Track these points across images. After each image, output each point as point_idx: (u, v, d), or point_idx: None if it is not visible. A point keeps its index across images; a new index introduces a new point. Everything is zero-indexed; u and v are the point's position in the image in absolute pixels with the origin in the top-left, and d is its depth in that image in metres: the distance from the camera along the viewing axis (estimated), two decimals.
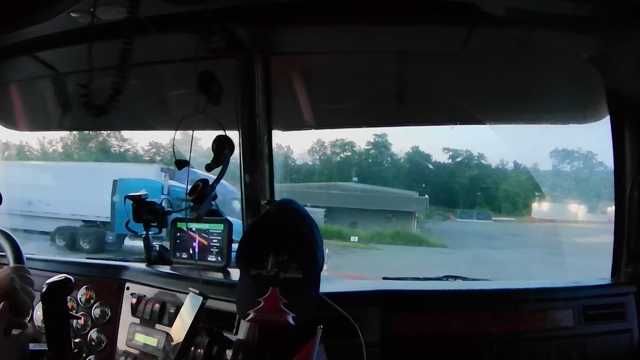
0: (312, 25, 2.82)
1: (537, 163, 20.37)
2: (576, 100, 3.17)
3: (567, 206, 16.68)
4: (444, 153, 24.38)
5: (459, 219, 23.83)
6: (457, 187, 24.01)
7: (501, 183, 24.05)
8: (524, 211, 22.78)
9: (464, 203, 24.30)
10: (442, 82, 3.28)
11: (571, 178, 18.48)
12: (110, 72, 1.79)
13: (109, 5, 2.40)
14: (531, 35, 2.72)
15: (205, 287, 2.34)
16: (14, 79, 3.67)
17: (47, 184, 17.66)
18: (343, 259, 15.60)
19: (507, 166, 24.10)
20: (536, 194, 20.69)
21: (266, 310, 1.96)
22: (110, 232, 17.01)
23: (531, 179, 22.22)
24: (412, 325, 2.47)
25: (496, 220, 23.57)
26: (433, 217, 23.72)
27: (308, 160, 23.05)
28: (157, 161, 19.71)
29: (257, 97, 3.16)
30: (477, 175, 23.91)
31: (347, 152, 24.35)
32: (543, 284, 2.83)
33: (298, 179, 20.31)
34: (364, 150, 24.37)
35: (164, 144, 21.03)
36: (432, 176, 24.30)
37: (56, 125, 4.48)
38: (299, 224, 2.15)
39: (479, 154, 24.21)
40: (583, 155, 18.39)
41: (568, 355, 2.54)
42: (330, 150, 23.96)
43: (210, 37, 2.71)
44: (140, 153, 22.10)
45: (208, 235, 2.91)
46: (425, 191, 22.82)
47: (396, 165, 24.54)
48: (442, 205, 23.99)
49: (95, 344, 2.86)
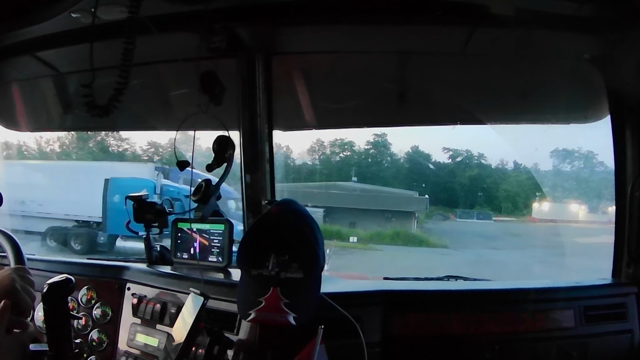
0: (314, 25, 2.83)
1: (537, 163, 20.19)
2: (577, 101, 3.17)
3: (568, 206, 16.63)
4: (444, 153, 24.35)
5: (459, 219, 23.74)
6: (457, 187, 23.93)
7: (501, 183, 23.99)
8: (524, 211, 22.72)
9: (464, 203, 24.22)
10: (443, 82, 3.28)
11: (571, 178, 18.41)
12: (112, 72, 1.79)
13: (110, 5, 2.40)
14: (532, 35, 2.73)
15: (206, 287, 2.34)
16: (15, 79, 3.67)
17: (39, 183, 17.54)
18: (342, 260, 15.50)
19: (507, 166, 24.07)
20: (536, 194, 20.65)
21: (267, 310, 1.97)
22: (102, 233, 16.92)
23: (531, 179, 22.10)
24: (413, 325, 2.47)
25: (496, 220, 23.48)
26: (433, 217, 23.57)
27: (307, 160, 23.05)
28: (154, 160, 19.63)
29: (258, 97, 3.16)
30: (477, 175, 23.84)
31: (346, 152, 24.31)
32: (544, 284, 2.83)
33: (297, 178, 20.24)
34: (364, 150, 24.34)
35: (163, 144, 21.05)
36: (432, 176, 24.20)
37: (57, 125, 4.49)
38: (300, 224, 2.15)
39: (479, 154, 24.16)
40: (583, 155, 18.34)
41: (569, 356, 2.54)
42: (330, 150, 23.90)
43: (212, 37, 2.71)
44: (138, 153, 22.10)
45: (209, 236, 2.91)
46: (425, 191, 22.71)
47: (396, 165, 24.47)
48: (442, 205, 23.87)
49: (96, 344, 2.86)
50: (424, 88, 3.34)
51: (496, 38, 2.86)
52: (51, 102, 3.77)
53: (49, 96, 3.74)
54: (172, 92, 3.55)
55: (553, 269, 11.95)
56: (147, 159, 21.26)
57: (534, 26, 2.61)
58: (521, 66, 3.10)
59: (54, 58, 3.28)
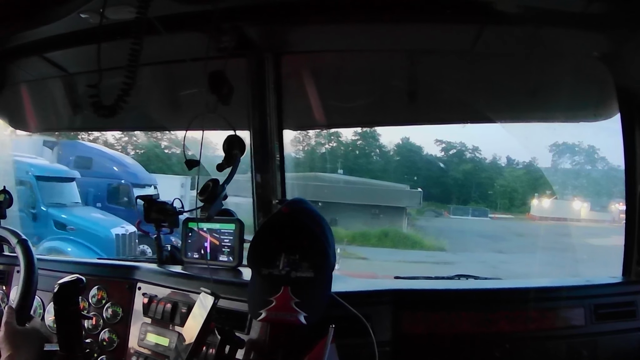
0: (323, 24, 2.83)
1: (535, 157, 20.07)
2: (587, 99, 3.17)
3: (569, 203, 16.42)
4: (437, 145, 23.94)
5: (453, 216, 23.13)
6: (451, 181, 23.41)
7: (497, 178, 23.55)
8: (522, 208, 22.32)
9: (458, 198, 23.68)
10: (453, 81, 3.27)
11: (573, 174, 18.22)
12: (120, 72, 1.79)
13: (118, 5, 2.41)
14: (541, 33, 2.72)
15: (217, 286, 2.33)
16: (24, 80, 3.69)
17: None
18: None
19: (500, 161, 23.77)
20: (535, 190, 20.35)
21: (278, 310, 1.97)
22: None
23: (529, 174, 21.83)
24: (424, 324, 2.48)
25: (493, 217, 23.01)
26: (425, 214, 22.73)
27: (291, 152, 22.44)
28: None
29: (267, 97, 3.17)
30: (471, 169, 23.34)
31: (333, 143, 23.82)
32: (554, 282, 2.84)
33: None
34: (351, 141, 23.84)
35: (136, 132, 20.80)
36: (424, 169, 23.62)
37: (66, 125, 4.51)
38: (311, 223, 2.15)
39: (473, 147, 23.79)
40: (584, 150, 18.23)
41: (579, 354, 2.54)
42: (315, 141, 23.29)
43: (221, 36, 2.71)
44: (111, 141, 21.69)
45: (219, 235, 2.91)
46: (418, 184, 21.70)
47: (385, 157, 24.00)
48: (434, 201, 23.08)
49: (106, 344, 2.87)
50: (434, 86, 3.34)
51: (505, 36, 2.86)
52: (60, 103, 3.79)
53: (58, 97, 3.75)
54: (181, 92, 3.56)
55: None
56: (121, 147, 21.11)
57: (543, 24, 2.61)
58: (530, 64, 3.09)
59: (63, 59, 3.30)
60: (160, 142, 21.57)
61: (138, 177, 17.04)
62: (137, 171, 17.47)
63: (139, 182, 16.69)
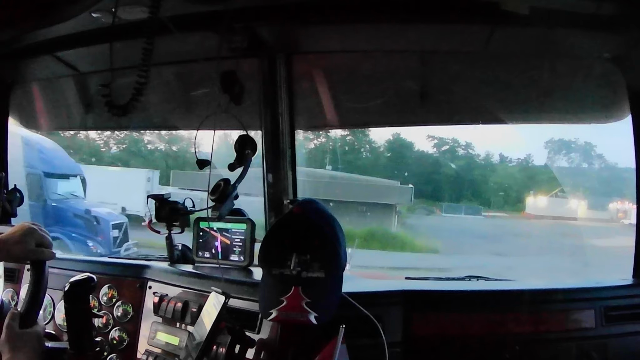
0: (335, 24, 2.82)
1: (530, 154, 19.84)
2: (598, 100, 3.16)
3: (566, 201, 16.21)
4: (429, 141, 23.43)
5: (446, 214, 22.54)
6: (443, 178, 22.94)
7: (491, 175, 23.12)
8: (516, 206, 21.90)
9: (450, 196, 23.20)
10: (464, 82, 3.27)
11: (569, 172, 18.06)
12: (132, 72, 1.80)
13: (130, 5, 2.42)
14: (552, 34, 2.71)
15: (228, 286, 2.34)
16: (36, 78, 3.71)
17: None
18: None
19: (493, 158, 23.42)
20: (530, 188, 20.07)
21: (289, 310, 1.97)
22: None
23: (523, 171, 21.57)
24: (434, 325, 2.48)
25: (487, 215, 22.54)
26: (416, 212, 21.32)
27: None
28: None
29: (279, 97, 3.17)
30: (465, 166, 22.87)
31: (322, 139, 23.31)
32: (564, 284, 2.82)
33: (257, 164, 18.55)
34: (340, 136, 23.28)
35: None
36: (415, 165, 23.01)
37: (78, 124, 4.52)
38: (322, 223, 2.15)
39: (466, 143, 23.38)
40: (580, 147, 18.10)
41: (589, 357, 2.53)
42: (303, 136, 22.62)
43: (233, 36, 2.71)
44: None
45: (230, 235, 2.92)
46: (408, 180, 20.39)
47: (375, 153, 23.56)
48: (425, 198, 22.42)
49: (117, 343, 2.88)
50: (446, 87, 3.34)
51: (517, 37, 2.85)
52: (72, 102, 3.80)
53: (70, 96, 3.76)
54: (192, 91, 3.56)
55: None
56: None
57: (554, 25, 2.60)
58: (541, 65, 3.08)
59: (74, 58, 3.31)
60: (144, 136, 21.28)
61: (55, 165, 14.35)
62: (54, 157, 14.26)
63: (54, 172, 14.30)
